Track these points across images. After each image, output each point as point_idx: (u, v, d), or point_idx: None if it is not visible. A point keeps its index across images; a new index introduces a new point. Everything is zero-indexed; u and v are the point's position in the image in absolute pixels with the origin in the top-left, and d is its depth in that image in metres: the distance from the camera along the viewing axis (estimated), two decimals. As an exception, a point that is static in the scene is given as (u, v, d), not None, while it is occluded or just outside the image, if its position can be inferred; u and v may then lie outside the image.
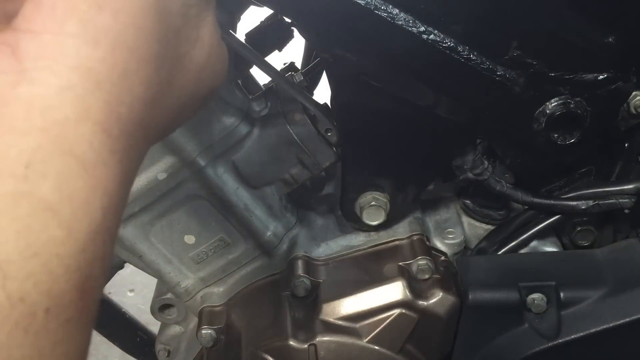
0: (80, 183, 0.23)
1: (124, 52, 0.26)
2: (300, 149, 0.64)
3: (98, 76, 0.25)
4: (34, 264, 0.21)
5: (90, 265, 0.23)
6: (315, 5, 0.53)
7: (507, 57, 0.55)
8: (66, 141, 0.23)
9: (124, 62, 0.26)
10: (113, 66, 0.26)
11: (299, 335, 0.65)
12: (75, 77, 0.24)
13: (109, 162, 0.25)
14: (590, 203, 0.64)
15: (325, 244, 0.71)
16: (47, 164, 0.22)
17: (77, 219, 0.23)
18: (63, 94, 0.24)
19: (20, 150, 0.22)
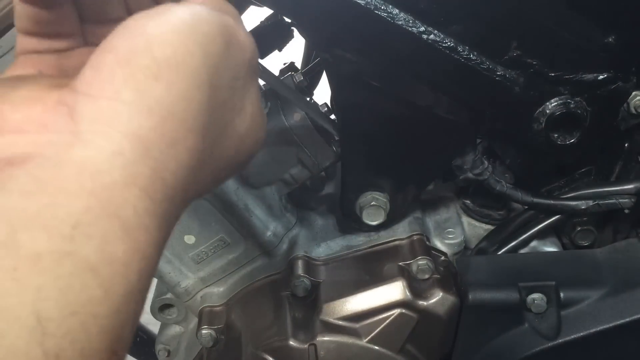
0: (122, 246, 0.24)
1: (174, 122, 0.27)
2: (300, 149, 0.64)
3: (147, 144, 0.26)
4: (72, 322, 0.22)
5: (122, 327, 0.24)
6: (315, 5, 0.53)
7: (507, 57, 0.55)
8: (112, 205, 0.24)
9: (172, 132, 0.27)
10: (162, 135, 0.27)
11: (299, 335, 0.65)
12: (126, 143, 0.25)
13: (150, 226, 0.26)
14: (590, 203, 0.64)
15: (325, 244, 0.71)
16: (92, 226, 0.23)
17: (116, 281, 0.23)
18: (113, 160, 0.25)
19: (69, 211, 0.23)
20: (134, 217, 0.25)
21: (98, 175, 0.24)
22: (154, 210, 0.26)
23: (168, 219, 0.28)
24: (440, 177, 0.73)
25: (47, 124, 0.25)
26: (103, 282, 0.23)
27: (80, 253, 0.22)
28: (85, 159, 0.24)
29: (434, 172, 0.69)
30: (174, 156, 0.27)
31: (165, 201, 0.27)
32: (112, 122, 0.25)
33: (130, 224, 0.24)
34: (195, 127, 0.29)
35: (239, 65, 0.33)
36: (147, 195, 0.25)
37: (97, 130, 0.25)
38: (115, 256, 0.23)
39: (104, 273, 0.23)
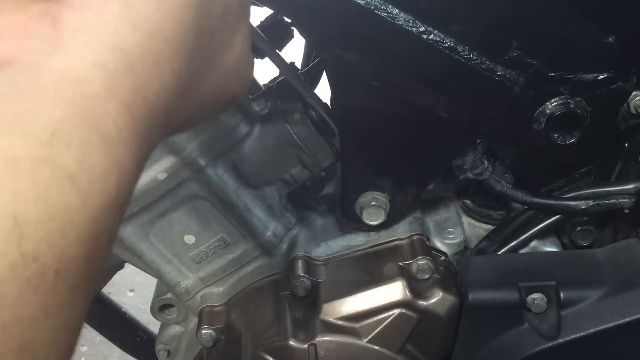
0: (100, 157, 0.24)
1: (161, 41, 0.27)
2: (300, 149, 0.64)
3: (131, 59, 0.26)
4: (50, 227, 0.22)
5: (99, 236, 0.24)
6: (315, 5, 0.53)
7: (507, 57, 0.55)
8: (92, 115, 0.24)
9: (158, 50, 0.27)
10: (147, 52, 0.26)
11: (299, 335, 0.65)
12: (109, 55, 0.25)
13: (130, 141, 0.25)
14: (590, 203, 0.64)
15: (325, 244, 0.71)
16: (71, 135, 0.23)
17: (94, 190, 0.23)
18: (95, 70, 0.24)
19: (48, 117, 0.23)
20: (114, 129, 0.24)
21: (78, 84, 0.24)
22: (134, 126, 0.26)
23: (148, 139, 0.27)
24: (440, 177, 0.73)
25: (29, 31, 0.25)
26: (81, 191, 0.23)
27: (59, 160, 0.22)
28: (66, 67, 0.24)
29: (434, 172, 0.69)
30: (157, 75, 0.27)
31: (146, 119, 0.26)
32: (96, 33, 0.25)
33: (110, 136, 0.24)
34: (181, 49, 0.28)
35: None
36: (127, 110, 0.25)
37: (79, 40, 0.25)
38: (94, 166, 0.23)
39: (82, 182, 0.23)
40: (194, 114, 0.34)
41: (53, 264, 0.21)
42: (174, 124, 0.32)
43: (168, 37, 0.27)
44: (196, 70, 0.31)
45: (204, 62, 0.32)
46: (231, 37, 0.34)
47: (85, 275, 0.23)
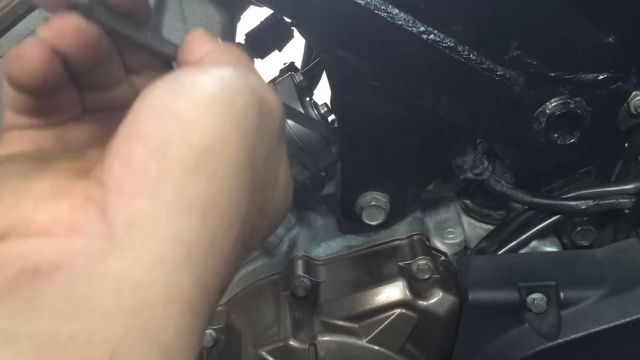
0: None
1: (216, 218, 0.24)
2: (300, 149, 0.64)
3: (190, 247, 0.23)
4: None
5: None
6: (315, 5, 0.53)
7: (507, 57, 0.55)
8: (153, 326, 0.21)
9: (214, 229, 0.24)
10: (204, 235, 0.24)
11: (299, 335, 0.65)
12: (168, 250, 0.22)
13: (190, 344, 0.23)
14: (590, 203, 0.64)
15: (325, 244, 0.71)
16: (132, 355, 0.20)
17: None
18: (155, 270, 0.22)
19: (106, 337, 0.20)
20: (175, 338, 0.22)
21: (138, 290, 0.21)
22: (193, 325, 0.23)
23: (205, 326, 0.24)
24: (440, 177, 0.73)
25: (77, 226, 0.22)
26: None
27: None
28: (124, 271, 0.21)
29: (434, 172, 0.69)
30: (215, 256, 0.24)
31: (205, 308, 0.24)
32: (150, 225, 0.22)
33: (171, 347, 0.21)
34: (237, 219, 0.25)
35: (272, 135, 0.29)
36: (189, 310, 0.22)
37: (134, 236, 0.22)
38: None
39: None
40: (243, 262, 0.30)
41: None
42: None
43: (223, 211, 0.24)
44: (250, 228, 0.27)
45: (257, 215, 0.28)
46: (276, 173, 0.31)
47: None
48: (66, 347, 0.19)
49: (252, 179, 0.27)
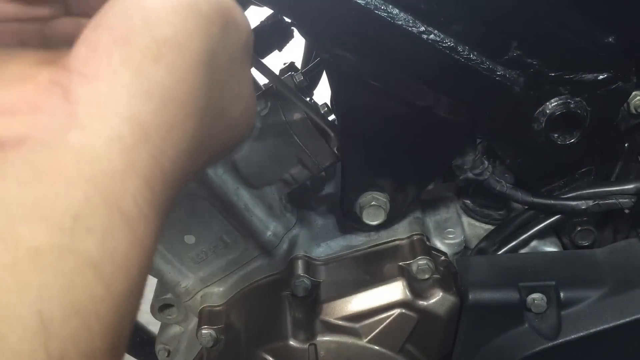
0: (122, 239, 0.23)
1: (174, 106, 0.26)
2: (300, 149, 0.64)
3: (147, 129, 0.25)
4: (76, 323, 0.21)
5: (122, 323, 0.23)
6: (315, 5, 0.53)
7: (507, 57, 0.55)
8: (112, 195, 0.23)
9: (172, 116, 0.26)
10: (162, 120, 0.26)
11: (299, 335, 0.65)
12: (125, 128, 0.24)
13: (150, 217, 0.24)
14: (590, 203, 0.64)
15: (325, 244, 0.71)
16: (93, 219, 0.22)
17: (117, 276, 0.22)
18: (113, 145, 0.23)
19: (69, 201, 0.22)
20: (134, 207, 0.23)
21: (97, 162, 0.23)
22: (152, 200, 0.25)
23: (165, 208, 0.26)
24: (440, 177, 0.73)
25: (40, 105, 0.24)
26: (105, 279, 0.22)
27: (81, 248, 0.21)
28: (84, 144, 0.23)
29: (434, 172, 0.69)
30: (172, 142, 0.26)
31: (164, 189, 0.26)
32: (110, 105, 0.24)
33: (131, 215, 0.23)
34: (194, 111, 0.28)
35: (236, 47, 0.32)
36: (147, 185, 0.24)
37: (94, 114, 0.24)
38: (117, 251, 0.22)
39: (106, 269, 0.22)
40: (203, 165, 0.33)
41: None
42: (186, 180, 0.31)
43: (181, 101, 0.27)
44: (208, 126, 0.30)
45: (215, 117, 0.31)
46: (239, 85, 0.33)
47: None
48: (32, 210, 0.21)
49: (212, 79, 0.29)
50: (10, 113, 0.23)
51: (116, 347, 0.23)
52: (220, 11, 0.29)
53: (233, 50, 0.31)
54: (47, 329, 0.20)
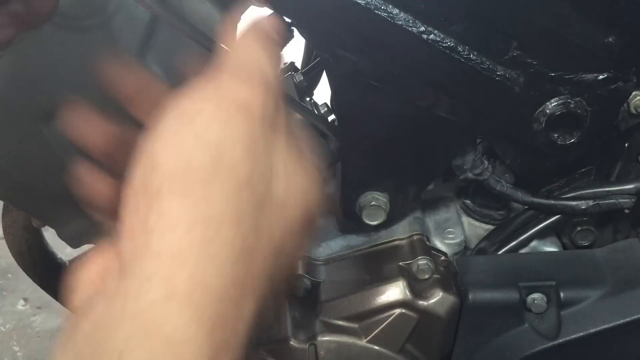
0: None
1: (213, 227, 0.27)
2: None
3: (183, 253, 0.26)
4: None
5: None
6: (315, 5, 0.53)
7: (507, 57, 0.55)
8: (154, 324, 0.24)
9: (206, 232, 0.27)
10: (195, 240, 0.27)
11: (299, 335, 0.65)
12: (165, 259, 0.26)
13: (198, 335, 0.25)
14: (590, 203, 0.64)
15: (325, 244, 0.71)
16: (137, 351, 0.24)
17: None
18: (152, 277, 0.26)
19: (115, 341, 0.24)
20: (177, 331, 0.25)
21: (140, 294, 0.25)
22: (199, 318, 0.26)
23: (225, 320, 0.27)
24: (440, 177, 0.73)
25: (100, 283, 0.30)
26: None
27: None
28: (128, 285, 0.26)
29: (434, 172, 0.69)
30: (210, 257, 0.27)
31: (212, 304, 0.26)
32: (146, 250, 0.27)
33: (174, 339, 0.25)
34: (226, 218, 0.28)
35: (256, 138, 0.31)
36: (189, 304, 0.25)
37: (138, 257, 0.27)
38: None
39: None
40: (272, 261, 0.31)
41: None
42: (256, 284, 0.31)
43: (218, 217, 0.28)
44: (248, 226, 0.29)
45: (254, 212, 0.30)
46: (270, 167, 0.31)
47: None
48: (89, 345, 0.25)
49: (238, 179, 0.29)
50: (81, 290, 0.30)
51: None
52: (245, 142, 0.30)
53: (255, 144, 0.30)
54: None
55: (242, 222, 0.28)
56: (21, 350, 1.91)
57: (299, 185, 0.34)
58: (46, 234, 0.86)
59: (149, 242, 0.26)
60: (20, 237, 0.85)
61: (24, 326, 1.97)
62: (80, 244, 0.69)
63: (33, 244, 0.86)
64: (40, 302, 2.00)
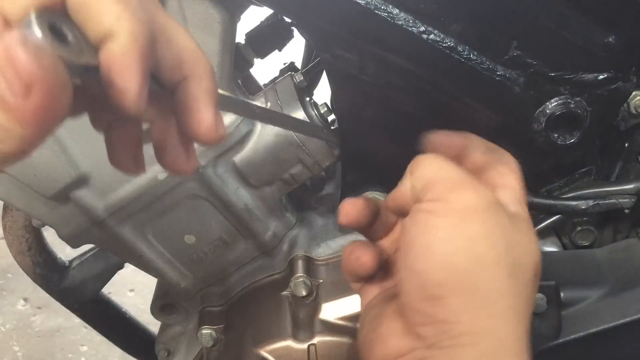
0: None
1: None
2: (300, 149, 0.64)
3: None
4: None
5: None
6: (315, 5, 0.53)
7: (507, 57, 0.55)
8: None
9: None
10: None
11: (299, 335, 0.65)
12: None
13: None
14: (590, 203, 0.64)
15: (325, 244, 0.71)
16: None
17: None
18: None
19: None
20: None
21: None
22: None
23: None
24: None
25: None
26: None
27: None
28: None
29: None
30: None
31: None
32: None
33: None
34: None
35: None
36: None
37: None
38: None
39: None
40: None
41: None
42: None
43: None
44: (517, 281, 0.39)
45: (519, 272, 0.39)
46: (523, 237, 0.42)
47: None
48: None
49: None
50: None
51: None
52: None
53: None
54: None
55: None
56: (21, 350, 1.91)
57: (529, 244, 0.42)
58: (46, 234, 0.86)
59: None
60: (20, 237, 0.86)
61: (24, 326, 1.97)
62: (80, 244, 0.69)
63: (33, 244, 0.86)
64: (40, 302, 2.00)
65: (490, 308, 0.35)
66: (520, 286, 0.39)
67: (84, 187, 0.63)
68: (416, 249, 0.36)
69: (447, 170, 0.40)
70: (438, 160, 0.42)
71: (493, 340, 0.36)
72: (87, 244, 0.70)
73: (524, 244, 0.40)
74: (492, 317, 0.36)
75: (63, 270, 0.91)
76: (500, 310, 0.36)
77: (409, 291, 0.36)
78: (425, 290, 0.35)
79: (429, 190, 0.40)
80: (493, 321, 0.36)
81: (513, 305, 0.37)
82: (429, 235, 0.36)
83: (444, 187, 0.38)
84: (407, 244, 0.37)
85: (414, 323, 0.36)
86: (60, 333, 1.95)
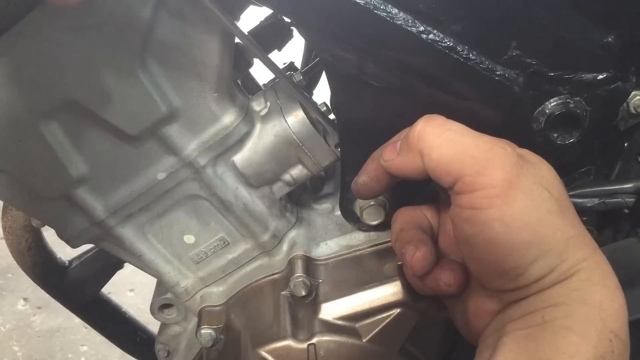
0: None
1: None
2: (300, 149, 0.64)
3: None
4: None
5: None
6: (315, 5, 0.53)
7: (506, 57, 0.55)
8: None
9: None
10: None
11: (298, 335, 0.65)
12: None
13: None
14: (596, 201, 0.64)
15: (325, 244, 0.71)
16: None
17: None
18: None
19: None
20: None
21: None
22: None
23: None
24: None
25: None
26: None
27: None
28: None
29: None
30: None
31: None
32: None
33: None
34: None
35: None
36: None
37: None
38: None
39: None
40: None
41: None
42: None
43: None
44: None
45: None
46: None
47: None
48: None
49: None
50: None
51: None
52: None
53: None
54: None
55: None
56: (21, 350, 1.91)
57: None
58: (46, 234, 0.87)
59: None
60: (20, 237, 0.86)
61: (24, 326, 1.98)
62: (80, 243, 0.69)
63: (33, 244, 0.86)
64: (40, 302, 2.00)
65: (567, 242, 0.41)
66: (568, 210, 0.44)
67: (84, 187, 0.63)
68: (480, 247, 0.39)
69: (462, 146, 0.41)
70: (445, 134, 0.43)
71: (589, 263, 0.43)
72: (87, 244, 0.70)
73: (548, 175, 0.45)
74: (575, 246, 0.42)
75: (63, 270, 0.91)
76: (575, 235, 0.41)
77: (490, 280, 0.42)
78: (506, 274, 0.40)
79: (456, 180, 0.42)
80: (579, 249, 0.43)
81: (573, 233, 0.42)
82: (485, 231, 0.39)
83: (471, 171, 0.39)
84: (467, 241, 0.40)
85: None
86: (60, 333, 1.95)
